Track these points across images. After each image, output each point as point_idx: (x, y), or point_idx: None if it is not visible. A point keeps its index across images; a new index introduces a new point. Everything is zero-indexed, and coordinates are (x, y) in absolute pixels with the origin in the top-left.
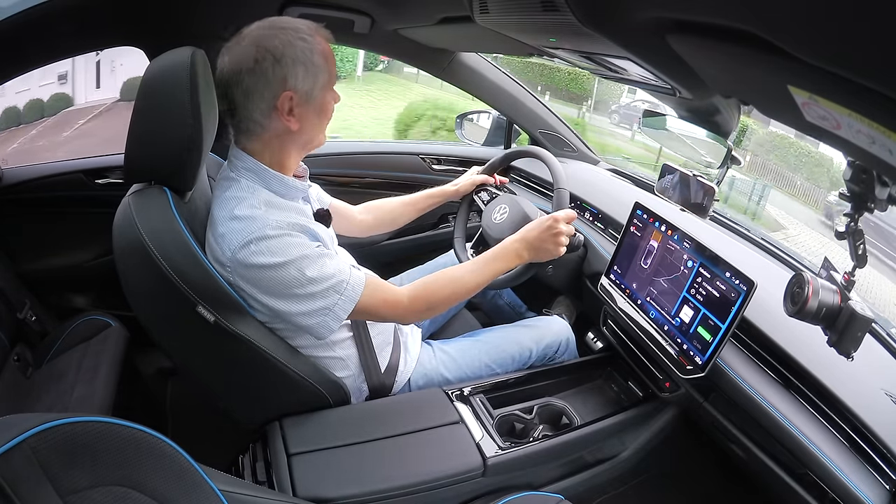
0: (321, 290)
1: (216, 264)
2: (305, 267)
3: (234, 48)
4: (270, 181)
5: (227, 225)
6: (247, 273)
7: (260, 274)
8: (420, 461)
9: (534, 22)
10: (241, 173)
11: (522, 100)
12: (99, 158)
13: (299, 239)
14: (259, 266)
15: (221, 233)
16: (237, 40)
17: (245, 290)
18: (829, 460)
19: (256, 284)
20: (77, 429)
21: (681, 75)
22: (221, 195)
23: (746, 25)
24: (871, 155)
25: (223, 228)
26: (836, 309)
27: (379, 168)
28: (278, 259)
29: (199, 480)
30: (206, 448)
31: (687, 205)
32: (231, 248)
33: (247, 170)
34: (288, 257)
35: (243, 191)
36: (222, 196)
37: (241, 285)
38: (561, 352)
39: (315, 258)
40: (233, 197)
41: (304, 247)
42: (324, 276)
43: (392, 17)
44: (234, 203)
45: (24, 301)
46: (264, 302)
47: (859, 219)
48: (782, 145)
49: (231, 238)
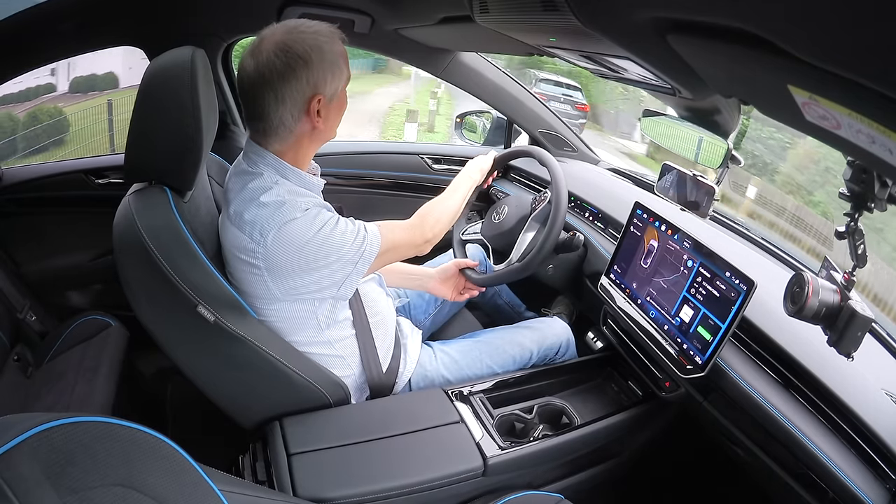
0: (349, 243)
1: (239, 253)
2: (332, 233)
3: (259, 53)
4: (291, 176)
5: (255, 212)
6: (279, 255)
7: (293, 252)
8: (420, 461)
9: (534, 22)
10: (261, 168)
11: (522, 99)
12: (99, 158)
13: (323, 214)
14: (294, 244)
15: (249, 220)
16: (258, 45)
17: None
18: (829, 460)
19: (287, 265)
20: (77, 429)
21: (681, 75)
22: (243, 187)
23: (746, 25)
24: (871, 155)
25: (250, 215)
26: (836, 308)
27: (379, 168)
28: (310, 234)
29: (199, 480)
30: (206, 448)
31: (687, 204)
32: (262, 233)
33: (267, 165)
34: (317, 229)
35: (267, 181)
36: (244, 188)
37: (264, 271)
38: (561, 353)
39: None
40: (257, 187)
41: (329, 219)
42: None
43: (392, 17)
44: (259, 192)
45: (24, 301)
46: (292, 281)
47: (859, 218)
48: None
49: (262, 223)
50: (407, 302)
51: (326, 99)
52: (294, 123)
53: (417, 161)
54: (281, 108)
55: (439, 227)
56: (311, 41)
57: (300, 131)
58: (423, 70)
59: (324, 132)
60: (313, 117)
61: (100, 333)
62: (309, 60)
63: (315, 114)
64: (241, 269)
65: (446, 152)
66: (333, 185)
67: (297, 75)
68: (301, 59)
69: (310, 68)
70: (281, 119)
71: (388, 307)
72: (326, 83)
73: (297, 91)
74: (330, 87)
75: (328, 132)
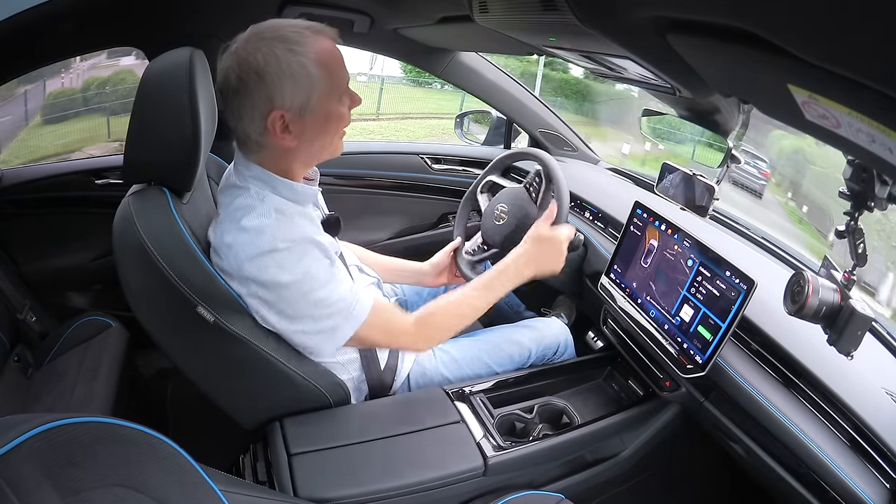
0: (326, 313)
1: (221, 272)
2: (314, 289)
3: (224, 61)
4: (279, 187)
5: (235, 236)
6: (253, 287)
7: (266, 289)
8: (420, 461)
9: (533, 21)
10: (248, 181)
11: (522, 99)
12: (99, 159)
13: (309, 256)
14: (267, 282)
15: (229, 243)
16: (228, 50)
17: (249, 302)
18: (830, 459)
19: (261, 298)
20: (77, 429)
21: (681, 74)
22: (230, 204)
23: (745, 24)
24: (871, 154)
25: (230, 238)
26: (837, 308)
27: (379, 168)
28: (287, 277)
29: (200, 480)
30: (207, 448)
31: (687, 204)
32: (238, 261)
33: (254, 178)
34: (296, 276)
35: (252, 199)
36: (230, 205)
37: (244, 296)
38: (560, 353)
39: (324, 281)
40: (242, 206)
41: (314, 264)
42: (331, 300)
43: (392, 17)
44: (242, 213)
45: (24, 301)
46: (266, 316)
47: (859, 217)
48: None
49: (239, 250)
50: (404, 300)
51: (293, 114)
52: (260, 138)
53: (417, 161)
54: (240, 122)
55: (441, 338)
56: (267, 50)
57: (272, 147)
58: (423, 70)
59: (304, 149)
60: (276, 134)
61: (100, 334)
62: (262, 73)
63: (277, 130)
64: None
65: (446, 152)
66: (333, 185)
67: (249, 89)
68: (253, 72)
69: (264, 82)
70: (246, 133)
71: None
72: (285, 97)
73: (249, 106)
74: (292, 100)
75: (313, 148)
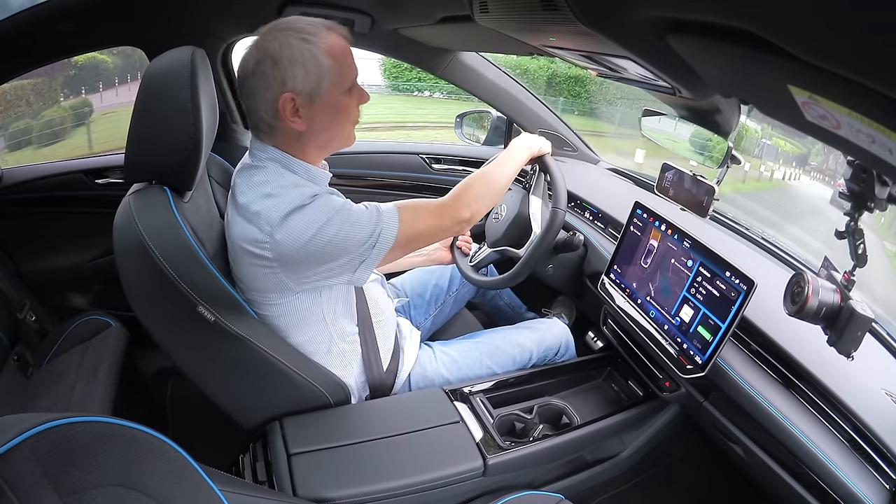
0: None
1: (249, 245)
2: (348, 217)
3: (246, 50)
4: (295, 167)
5: (262, 203)
6: (289, 245)
7: (303, 242)
8: (420, 461)
9: (534, 21)
10: (265, 162)
11: (522, 99)
12: (99, 158)
13: (332, 200)
14: (304, 233)
15: (256, 211)
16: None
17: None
18: (829, 460)
19: (298, 254)
20: (77, 429)
21: (681, 75)
22: (247, 181)
23: (745, 24)
24: (871, 154)
25: (257, 207)
26: (836, 308)
27: (379, 168)
28: (320, 220)
29: (200, 480)
30: (206, 448)
31: (687, 204)
32: (270, 223)
33: (271, 159)
34: (328, 215)
35: (271, 174)
36: (249, 182)
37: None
38: (560, 354)
39: (351, 207)
40: (262, 181)
41: (338, 202)
42: (362, 218)
43: (392, 17)
44: (264, 185)
45: (24, 301)
46: (304, 271)
47: (859, 218)
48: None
49: (269, 213)
50: (407, 302)
51: (303, 98)
52: (272, 120)
53: (417, 161)
54: (254, 103)
55: (479, 206)
56: (283, 38)
57: (284, 131)
58: (424, 70)
59: (315, 135)
60: (287, 117)
61: (100, 333)
62: (277, 57)
63: (288, 113)
64: (252, 262)
65: (446, 152)
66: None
67: (263, 71)
68: (269, 56)
69: (278, 66)
70: (259, 116)
71: (389, 307)
72: (297, 80)
73: (263, 87)
74: (303, 84)
75: (324, 136)
